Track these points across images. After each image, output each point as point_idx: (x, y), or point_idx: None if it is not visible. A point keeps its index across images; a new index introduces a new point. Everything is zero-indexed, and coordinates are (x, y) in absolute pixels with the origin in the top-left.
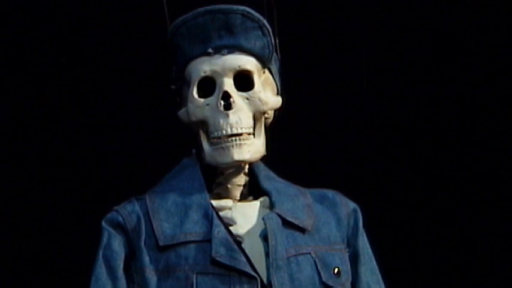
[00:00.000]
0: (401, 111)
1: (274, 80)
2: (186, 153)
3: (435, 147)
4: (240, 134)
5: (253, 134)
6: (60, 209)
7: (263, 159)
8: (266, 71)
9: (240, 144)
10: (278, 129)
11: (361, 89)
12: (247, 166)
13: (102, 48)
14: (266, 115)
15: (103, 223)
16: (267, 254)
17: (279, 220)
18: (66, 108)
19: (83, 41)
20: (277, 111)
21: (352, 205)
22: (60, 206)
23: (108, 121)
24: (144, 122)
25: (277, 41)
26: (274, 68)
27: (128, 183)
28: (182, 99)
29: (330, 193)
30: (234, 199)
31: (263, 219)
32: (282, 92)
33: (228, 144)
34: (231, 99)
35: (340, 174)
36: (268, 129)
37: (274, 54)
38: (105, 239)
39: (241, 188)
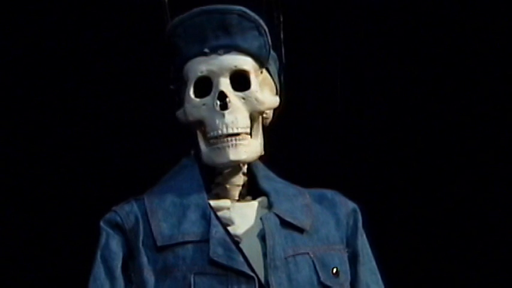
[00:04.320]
0: (402, 111)
1: (273, 79)
2: (185, 154)
3: (436, 147)
4: (237, 134)
5: (251, 134)
6: (59, 209)
7: (262, 158)
8: (264, 70)
9: (236, 144)
10: (277, 129)
11: (361, 89)
12: (245, 166)
13: (102, 47)
14: (264, 115)
15: (101, 223)
16: (265, 254)
17: (277, 220)
18: (65, 108)
19: (83, 40)
20: (277, 111)
21: (351, 205)
22: (59, 206)
23: (107, 121)
24: (143, 122)
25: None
26: (273, 67)
27: (127, 184)
28: (180, 99)
29: (329, 193)
30: (232, 199)
31: (261, 219)
32: (282, 91)
33: (224, 144)
34: (227, 99)
35: (340, 174)
36: (267, 129)
37: (272, 53)
38: (103, 239)
39: (240, 188)
